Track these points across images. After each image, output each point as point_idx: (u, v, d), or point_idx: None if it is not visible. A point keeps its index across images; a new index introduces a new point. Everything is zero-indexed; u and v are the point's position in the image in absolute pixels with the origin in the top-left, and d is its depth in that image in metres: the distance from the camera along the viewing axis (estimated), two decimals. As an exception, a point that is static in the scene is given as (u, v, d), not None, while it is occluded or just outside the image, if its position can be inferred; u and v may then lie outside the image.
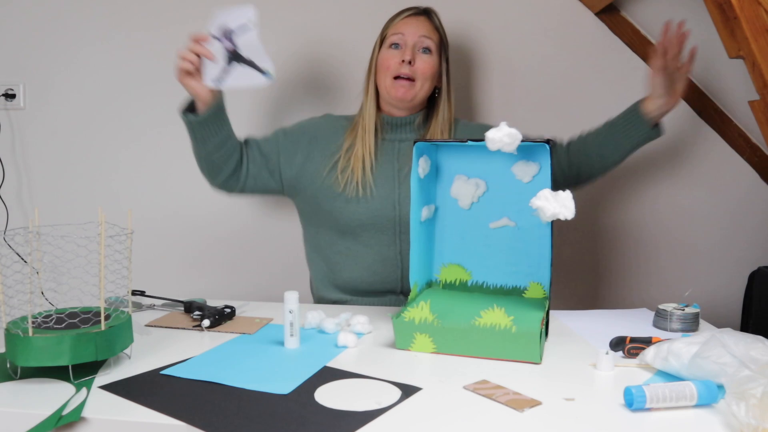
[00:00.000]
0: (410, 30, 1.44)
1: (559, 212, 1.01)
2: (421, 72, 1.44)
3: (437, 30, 1.48)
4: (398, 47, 1.44)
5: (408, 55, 1.42)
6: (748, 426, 0.74)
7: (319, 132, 1.52)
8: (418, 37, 1.44)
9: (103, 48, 1.93)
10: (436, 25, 1.49)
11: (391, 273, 1.46)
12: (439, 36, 1.48)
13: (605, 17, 1.76)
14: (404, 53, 1.43)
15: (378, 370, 0.97)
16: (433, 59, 1.45)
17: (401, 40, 1.44)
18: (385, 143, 1.50)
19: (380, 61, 1.46)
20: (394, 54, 1.44)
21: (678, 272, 1.87)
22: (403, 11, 1.49)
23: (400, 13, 1.49)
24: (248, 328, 1.18)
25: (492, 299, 1.20)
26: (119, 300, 1.15)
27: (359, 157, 1.45)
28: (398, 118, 1.50)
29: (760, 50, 1.27)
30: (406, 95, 1.44)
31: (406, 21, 1.46)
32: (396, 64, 1.43)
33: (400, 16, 1.47)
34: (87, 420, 0.81)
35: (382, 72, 1.45)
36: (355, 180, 1.44)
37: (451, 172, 1.24)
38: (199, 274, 1.97)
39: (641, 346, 1.02)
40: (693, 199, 1.84)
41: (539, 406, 0.84)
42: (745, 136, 1.78)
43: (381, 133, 1.50)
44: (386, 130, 1.50)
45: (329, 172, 1.47)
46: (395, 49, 1.44)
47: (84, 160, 1.98)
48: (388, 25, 1.49)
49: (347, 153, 1.47)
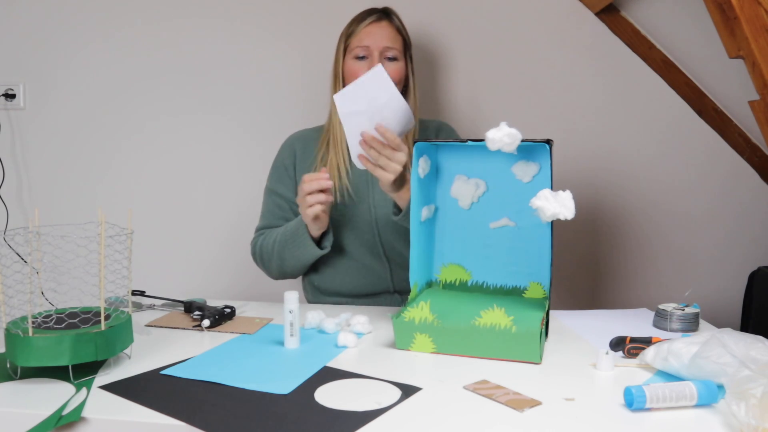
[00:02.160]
0: (374, 41, 1.42)
1: (559, 212, 1.01)
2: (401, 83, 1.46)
3: (399, 33, 1.47)
4: (364, 58, 1.43)
5: None
6: (748, 426, 0.74)
7: (296, 155, 1.52)
8: (382, 47, 1.43)
9: (103, 48, 1.93)
10: (398, 28, 1.47)
11: (380, 274, 1.48)
12: (402, 39, 1.47)
13: (605, 17, 1.76)
14: (372, 65, 1.41)
15: (378, 370, 0.97)
16: (399, 65, 1.46)
17: (366, 51, 1.43)
18: None
19: (347, 72, 1.45)
20: (361, 65, 1.43)
21: (678, 272, 1.87)
22: (363, 16, 1.46)
23: (361, 18, 1.46)
24: (248, 328, 1.18)
25: (492, 299, 1.20)
26: (119, 300, 1.15)
27: (334, 165, 1.46)
28: None
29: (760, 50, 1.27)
30: None
31: (369, 30, 1.43)
32: None
33: (362, 24, 1.44)
34: (87, 420, 0.81)
35: (349, 81, 1.43)
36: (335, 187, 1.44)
37: (451, 172, 1.24)
38: (199, 274, 1.97)
39: (641, 346, 1.02)
40: (693, 199, 1.84)
41: (539, 406, 0.84)
42: (745, 136, 1.78)
43: None
44: None
45: None
46: (361, 60, 1.43)
47: (84, 160, 1.98)
48: (350, 32, 1.45)
49: (321, 163, 1.48)
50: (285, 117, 1.88)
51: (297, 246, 1.38)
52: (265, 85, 1.90)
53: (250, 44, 1.89)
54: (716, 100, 1.77)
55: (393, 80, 1.42)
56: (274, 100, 1.90)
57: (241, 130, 1.93)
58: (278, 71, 1.89)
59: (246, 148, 1.92)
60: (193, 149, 1.94)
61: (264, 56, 1.89)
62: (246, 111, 1.91)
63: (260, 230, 1.51)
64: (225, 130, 1.93)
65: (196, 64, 1.90)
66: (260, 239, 1.47)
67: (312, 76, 1.86)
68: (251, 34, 1.88)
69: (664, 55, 1.76)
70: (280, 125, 1.89)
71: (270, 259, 1.44)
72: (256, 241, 1.49)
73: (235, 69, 1.90)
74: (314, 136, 1.54)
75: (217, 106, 1.92)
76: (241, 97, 1.91)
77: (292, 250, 1.39)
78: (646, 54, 1.77)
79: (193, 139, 1.94)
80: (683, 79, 1.77)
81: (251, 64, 1.89)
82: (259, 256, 1.47)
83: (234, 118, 1.93)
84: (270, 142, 1.91)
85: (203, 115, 1.93)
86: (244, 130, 1.92)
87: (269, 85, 1.90)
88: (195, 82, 1.91)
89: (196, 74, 1.91)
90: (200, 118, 1.93)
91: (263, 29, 1.88)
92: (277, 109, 1.90)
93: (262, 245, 1.46)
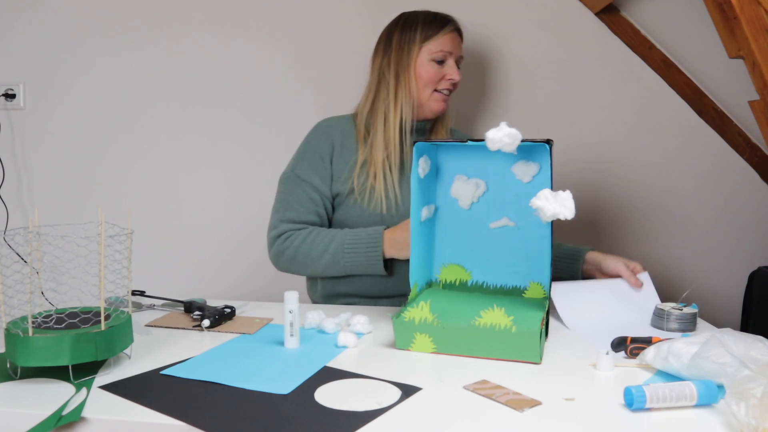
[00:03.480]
0: (455, 49, 1.47)
1: (559, 212, 1.01)
2: (456, 86, 1.50)
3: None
4: (442, 63, 1.46)
5: (457, 76, 1.46)
6: (748, 426, 0.74)
7: (334, 145, 1.47)
8: (458, 56, 1.49)
9: (103, 48, 1.93)
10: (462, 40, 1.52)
11: (403, 276, 1.42)
12: None
13: (605, 17, 1.76)
14: (452, 72, 1.46)
15: (378, 370, 0.97)
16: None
17: (446, 57, 1.46)
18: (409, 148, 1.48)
19: (421, 72, 1.45)
20: (438, 69, 1.45)
21: (678, 272, 1.87)
22: (441, 23, 1.46)
23: (442, 22, 1.47)
24: (248, 328, 1.18)
25: (492, 299, 1.20)
26: (119, 300, 1.15)
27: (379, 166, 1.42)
28: (421, 122, 1.51)
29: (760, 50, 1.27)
30: (444, 109, 1.49)
31: (450, 38, 1.46)
32: (441, 80, 1.46)
33: (445, 29, 1.46)
34: (87, 420, 0.81)
35: (422, 82, 1.45)
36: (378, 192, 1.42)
37: (451, 172, 1.24)
38: (199, 274, 1.97)
39: (643, 346, 1.02)
40: (693, 199, 1.84)
41: (539, 406, 0.84)
42: (745, 136, 1.78)
43: (408, 137, 1.47)
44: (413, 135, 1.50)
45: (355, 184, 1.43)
46: (439, 63, 1.45)
47: (84, 160, 1.98)
48: (428, 35, 1.45)
49: (362, 165, 1.44)
50: (285, 118, 1.88)
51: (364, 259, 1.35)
52: (266, 86, 1.90)
53: (249, 47, 1.89)
54: (716, 100, 1.77)
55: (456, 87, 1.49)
56: (275, 101, 1.90)
57: (242, 129, 1.93)
58: (278, 72, 1.89)
59: (246, 148, 1.92)
60: (193, 149, 1.94)
61: (263, 58, 1.89)
62: (246, 111, 1.91)
63: (289, 222, 1.41)
64: (225, 130, 1.93)
65: (196, 65, 1.91)
66: (298, 237, 1.39)
67: (311, 78, 1.87)
68: (251, 36, 1.88)
69: (664, 55, 1.76)
70: (280, 126, 1.90)
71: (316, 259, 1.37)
72: (289, 237, 1.39)
73: (235, 70, 1.90)
74: (348, 127, 1.50)
75: (217, 107, 1.92)
76: (242, 98, 1.91)
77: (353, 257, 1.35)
78: (646, 54, 1.77)
79: (193, 138, 1.94)
80: (683, 79, 1.77)
81: (251, 66, 1.89)
82: (292, 252, 1.39)
83: (234, 119, 1.93)
84: (270, 143, 1.91)
85: (203, 114, 1.93)
86: (244, 130, 1.92)
87: (269, 86, 1.90)
88: (195, 83, 1.91)
89: (196, 75, 1.91)
90: (200, 118, 1.93)
91: (263, 31, 1.88)
92: (277, 110, 1.90)
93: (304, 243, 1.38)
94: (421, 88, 1.46)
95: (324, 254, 1.37)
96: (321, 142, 1.46)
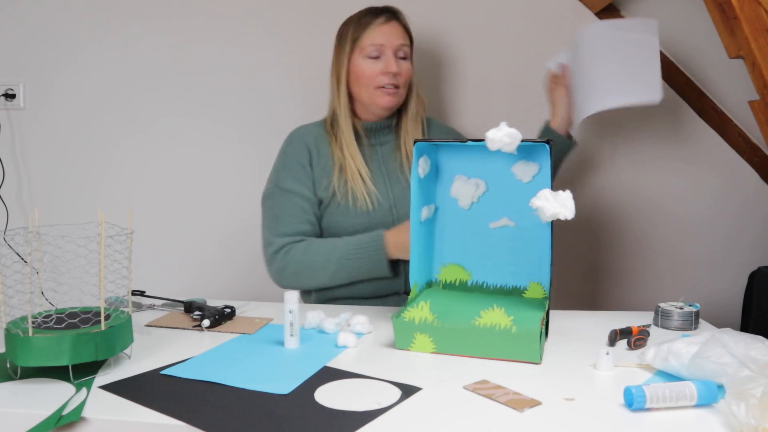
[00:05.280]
0: (388, 40, 1.42)
1: (559, 212, 1.01)
2: (404, 79, 1.45)
3: (407, 32, 1.48)
4: (377, 58, 1.43)
5: (394, 67, 1.42)
6: (748, 426, 0.74)
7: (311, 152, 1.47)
8: (396, 45, 1.43)
9: (103, 48, 1.93)
10: (406, 27, 1.47)
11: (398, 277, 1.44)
12: (410, 39, 1.48)
13: (605, 17, 1.76)
14: (389, 65, 1.41)
15: (378, 370, 0.97)
16: (409, 64, 1.47)
17: (380, 51, 1.42)
18: (368, 149, 1.49)
19: (358, 71, 1.43)
20: (374, 65, 1.42)
21: (678, 272, 1.87)
22: (372, 15, 1.44)
23: (371, 17, 1.44)
24: (248, 328, 1.18)
25: (492, 299, 1.19)
26: (119, 300, 1.15)
27: (354, 170, 1.43)
28: (378, 122, 1.50)
29: (760, 50, 1.27)
30: (392, 103, 1.45)
31: (382, 30, 1.42)
32: (379, 75, 1.42)
33: (374, 23, 1.42)
34: (87, 420, 0.81)
35: (361, 81, 1.43)
36: (359, 194, 1.42)
37: (451, 172, 1.24)
38: (199, 274, 1.97)
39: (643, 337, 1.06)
40: (693, 199, 1.84)
41: (539, 406, 0.84)
42: (745, 136, 1.78)
43: (364, 139, 1.49)
44: (368, 136, 1.50)
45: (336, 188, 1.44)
46: (374, 58, 1.43)
47: (84, 160, 1.98)
48: (360, 31, 1.43)
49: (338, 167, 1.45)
50: (284, 117, 1.88)
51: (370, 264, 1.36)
52: (265, 85, 1.90)
53: (250, 45, 1.89)
54: (716, 100, 1.77)
55: (405, 81, 1.44)
56: (274, 101, 1.90)
57: (242, 129, 1.93)
58: (277, 72, 1.89)
59: (246, 148, 1.92)
60: (193, 149, 1.94)
61: (263, 57, 1.89)
62: (246, 111, 1.91)
63: (284, 236, 1.40)
64: (225, 130, 1.93)
65: (196, 65, 1.90)
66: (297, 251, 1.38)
67: (311, 76, 1.86)
68: (251, 35, 1.88)
69: (664, 55, 1.76)
70: (279, 125, 1.89)
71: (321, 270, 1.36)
72: (289, 251, 1.38)
73: (234, 70, 1.90)
74: (321, 133, 1.50)
75: (217, 106, 1.92)
76: (241, 98, 1.91)
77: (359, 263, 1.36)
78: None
79: (193, 138, 1.94)
80: (683, 79, 1.76)
81: (251, 65, 1.89)
82: (295, 267, 1.37)
83: (234, 118, 1.93)
84: (270, 143, 1.91)
85: (203, 114, 1.93)
86: (244, 129, 1.92)
87: (269, 85, 1.90)
88: (195, 83, 1.91)
89: (196, 75, 1.91)
90: (200, 118, 1.93)
91: (262, 30, 1.88)
92: (276, 110, 1.90)
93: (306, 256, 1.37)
94: (361, 89, 1.44)
95: (328, 263, 1.37)
96: (298, 150, 1.47)
